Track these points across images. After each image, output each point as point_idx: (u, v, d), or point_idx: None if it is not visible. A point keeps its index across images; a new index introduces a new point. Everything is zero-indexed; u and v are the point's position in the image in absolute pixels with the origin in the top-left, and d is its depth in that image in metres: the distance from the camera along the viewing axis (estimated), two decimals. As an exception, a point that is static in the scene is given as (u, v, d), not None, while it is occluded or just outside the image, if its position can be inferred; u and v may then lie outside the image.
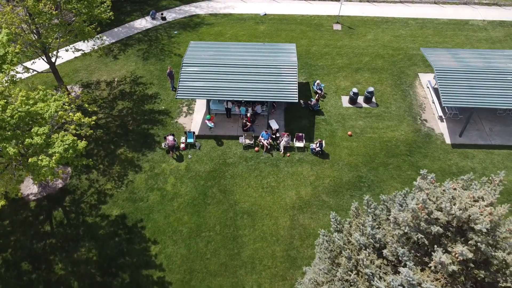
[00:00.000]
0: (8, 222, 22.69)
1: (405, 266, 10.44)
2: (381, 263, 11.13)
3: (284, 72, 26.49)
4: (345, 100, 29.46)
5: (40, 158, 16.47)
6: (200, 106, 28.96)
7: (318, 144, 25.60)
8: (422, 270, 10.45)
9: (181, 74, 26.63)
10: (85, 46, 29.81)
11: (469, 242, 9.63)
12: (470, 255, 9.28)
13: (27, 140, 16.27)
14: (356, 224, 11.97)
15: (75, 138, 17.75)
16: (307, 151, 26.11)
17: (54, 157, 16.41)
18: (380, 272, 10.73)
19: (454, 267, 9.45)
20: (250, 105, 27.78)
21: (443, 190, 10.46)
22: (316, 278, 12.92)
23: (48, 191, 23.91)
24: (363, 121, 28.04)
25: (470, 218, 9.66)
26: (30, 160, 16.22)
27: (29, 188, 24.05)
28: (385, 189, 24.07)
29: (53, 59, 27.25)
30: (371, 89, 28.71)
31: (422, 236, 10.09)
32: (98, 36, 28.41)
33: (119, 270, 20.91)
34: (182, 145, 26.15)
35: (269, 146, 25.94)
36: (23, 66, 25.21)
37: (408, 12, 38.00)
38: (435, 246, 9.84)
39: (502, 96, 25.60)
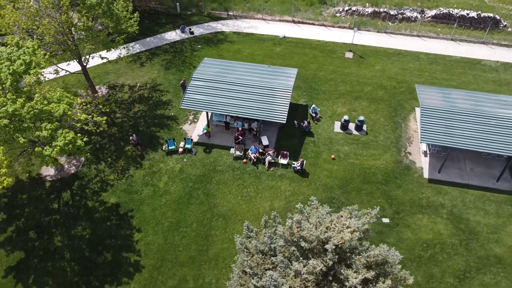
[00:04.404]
0: (26, 196, 27.20)
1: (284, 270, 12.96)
2: (272, 267, 13.69)
3: (278, 94, 29.21)
4: (337, 125, 31.60)
5: (45, 148, 20.51)
6: (205, 116, 32.31)
7: (299, 163, 28.04)
8: (296, 276, 12.92)
9: (189, 87, 30.12)
10: (115, 53, 33.95)
11: (324, 258, 12.03)
12: (319, 268, 11.68)
13: (37, 132, 20.37)
14: (261, 233, 14.59)
15: (78, 135, 21.67)
16: (290, 168, 28.61)
17: (55, 149, 20.38)
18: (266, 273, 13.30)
19: (308, 276, 11.89)
20: (247, 121, 30.78)
21: (320, 215, 12.86)
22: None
23: (62, 175, 28.23)
24: (349, 147, 30.08)
25: (329, 239, 12.06)
26: (36, 149, 20.32)
27: (48, 170, 28.50)
28: (352, 212, 26.05)
29: (84, 63, 31.73)
30: (361, 118, 30.68)
31: (295, 249, 12.58)
32: (124, 46, 32.59)
33: (104, 249, 24.63)
34: (180, 149, 29.59)
35: (255, 160, 28.74)
36: (57, 67, 29.82)
37: (422, 46, 39.23)
38: (301, 258, 12.32)
39: (482, 139, 26.60)
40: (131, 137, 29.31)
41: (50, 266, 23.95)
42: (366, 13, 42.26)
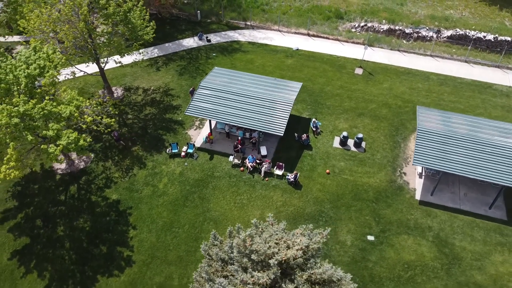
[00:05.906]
0: (37, 186, 29.49)
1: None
2: (230, 274, 14.89)
3: (278, 107, 30.29)
4: (336, 141, 32.33)
5: (50, 146, 22.54)
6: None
7: (293, 175, 29.03)
8: (244, 285, 14.06)
9: (195, 95, 31.67)
10: (131, 58, 35.99)
11: (268, 272, 13.12)
12: (263, 280, 12.78)
13: (44, 131, 22.42)
14: (224, 242, 15.79)
15: (83, 135, 23.58)
16: (284, 179, 29.64)
17: (59, 148, 22.36)
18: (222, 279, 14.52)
19: (254, 287, 13.01)
20: (248, 130, 32.03)
21: (273, 231, 13.94)
22: (203, 279, 16.93)
23: (72, 169, 30.39)
24: (345, 162, 30.78)
25: (275, 255, 13.14)
26: (42, 146, 22.37)
27: (60, 164, 30.69)
28: (339, 227, 26.85)
29: (102, 65, 33.89)
30: (360, 135, 31.28)
31: (247, 260, 13.73)
32: (140, 51, 34.54)
33: (101, 242, 26.47)
34: (183, 153, 31.17)
35: (252, 168, 29.93)
36: (75, 68, 32.07)
37: (434, 66, 39.27)
38: (250, 269, 13.45)
39: (476, 166, 26.70)
40: (112, 134, 31.71)
41: (51, 253, 26.00)
42: (382, 30, 42.65)
